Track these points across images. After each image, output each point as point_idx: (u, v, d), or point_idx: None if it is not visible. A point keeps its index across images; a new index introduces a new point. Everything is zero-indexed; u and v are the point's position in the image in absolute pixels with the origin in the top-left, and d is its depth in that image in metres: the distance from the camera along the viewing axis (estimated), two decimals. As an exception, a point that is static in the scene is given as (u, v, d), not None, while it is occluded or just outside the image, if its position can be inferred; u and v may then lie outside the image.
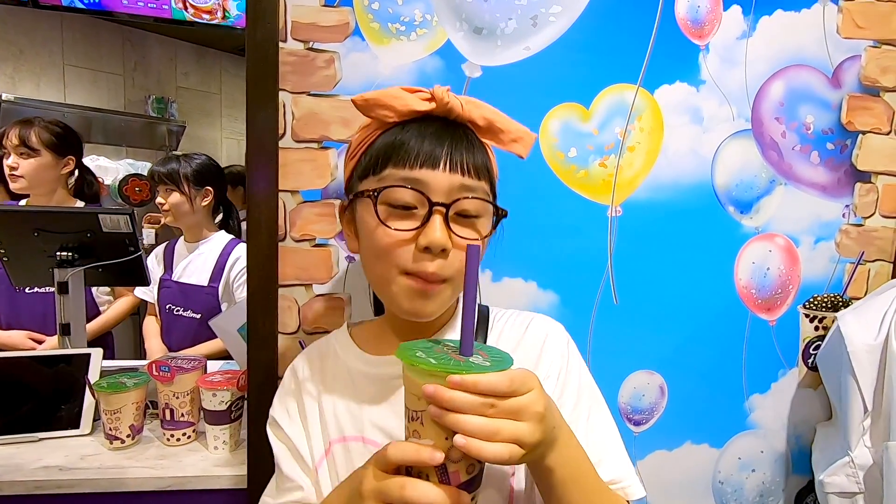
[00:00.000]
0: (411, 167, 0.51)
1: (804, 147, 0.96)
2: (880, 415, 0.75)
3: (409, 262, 0.52)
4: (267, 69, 0.81)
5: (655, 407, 0.97)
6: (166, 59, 3.54)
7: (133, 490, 0.86)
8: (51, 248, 1.17)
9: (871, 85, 0.96)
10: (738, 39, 0.91)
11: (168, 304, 1.54)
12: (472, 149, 0.54)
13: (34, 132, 1.48)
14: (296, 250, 0.85)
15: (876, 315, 0.80)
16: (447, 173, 0.51)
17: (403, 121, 0.54)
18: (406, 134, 0.53)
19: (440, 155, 0.51)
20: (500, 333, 0.62)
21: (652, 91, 0.90)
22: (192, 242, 1.57)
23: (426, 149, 0.51)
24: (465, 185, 0.52)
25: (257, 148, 0.83)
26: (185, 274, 1.54)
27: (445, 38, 0.84)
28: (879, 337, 0.77)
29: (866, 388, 0.78)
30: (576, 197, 0.90)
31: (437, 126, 0.53)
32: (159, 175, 1.50)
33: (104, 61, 3.26)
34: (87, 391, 1.01)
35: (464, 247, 0.50)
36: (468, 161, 0.52)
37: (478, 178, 0.53)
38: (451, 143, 0.52)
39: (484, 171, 0.55)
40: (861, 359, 0.79)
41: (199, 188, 1.51)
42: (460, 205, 0.52)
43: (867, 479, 0.81)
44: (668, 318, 0.95)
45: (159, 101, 3.41)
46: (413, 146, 0.52)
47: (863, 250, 0.99)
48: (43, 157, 1.50)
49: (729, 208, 0.95)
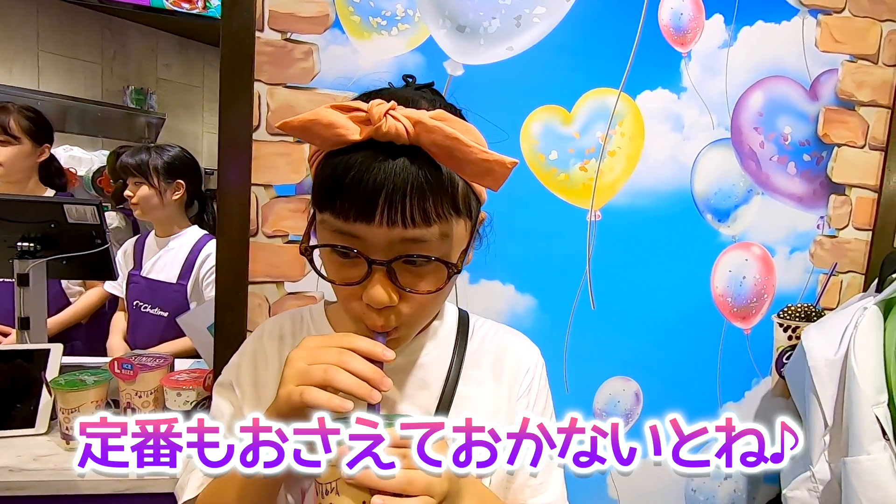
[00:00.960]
0: (346, 219, 0.43)
1: (781, 158, 0.97)
2: (840, 430, 0.75)
3: (358, 314, 0.48)
4: (242, 59, 0.79)
5: (630, 413, 0.96)
6: (147, 49, 3.46)
7: (88, 493, 0.82)
8: (12, 238, 1.12)
9: (847, 99, 0.97)
10: (719, 48, 0.92)
11: (136, 300, 1.49)
12: (422, 188, 0.43)
13: (13, 119, 1.44)
14: (267, 246, 0.83)
15: (837, 330, 0.80)
16: (384, 228, 0.43)
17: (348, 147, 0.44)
18: (343, 169, 0.43)
19: (376, 204, 0.42)
20: (479, 344, 0.61)
21: (634, 96, 0.90)
22: (162, 237, 1.52)
23: (362, 196, 0.42)
24: (407, 238, 0.44)
25: (230, 139, 0.80)
26: (154, 270, 1.49)
27: (427, 34, 0.83)
28: (839, 352, 0.77)
29: (826, 403, 0.78)
30: (556, 200, 0.89)
31: (385, 161, 0.42)
32: (128, 167, 1.44)
33: (81, 49, 3.17)
34: (45, 389, 0.96)
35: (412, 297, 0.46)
36: (413, 208, 0.43)
37: (428, 225, 0.44)
38: (392, 186, 0.42)
39: (446, 208, 0.45)
40: (821, 374, 0.79)
41: (169, 181, 1.47)
42: (402, 262, 0.45)
43: (826, 494, 0.81)
44: (644, 324, 0.95)
45: (138, 92, 3.33)
46: (348, 193, 0.42)
47: (836, 262, 1.00)
48: (23, 145, 1.46)
49: (707, 216, 0.95)
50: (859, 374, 0.71)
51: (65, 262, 1.17)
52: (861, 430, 0.70)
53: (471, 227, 0.51)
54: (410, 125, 0.42)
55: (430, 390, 0.56)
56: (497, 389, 0.59)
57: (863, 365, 0.72)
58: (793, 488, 0.84)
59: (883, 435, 0.69)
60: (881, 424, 0.69)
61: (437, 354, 0.58)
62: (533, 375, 0.61)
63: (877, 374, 0.71)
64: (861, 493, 0.69)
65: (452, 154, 0.43)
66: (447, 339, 0.59)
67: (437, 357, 0.58)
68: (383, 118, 0.41)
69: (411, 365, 0.57)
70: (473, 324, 0.62)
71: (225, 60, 0.79)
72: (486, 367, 0.59)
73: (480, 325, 0.63)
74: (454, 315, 0.62)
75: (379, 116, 0.41)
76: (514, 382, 0.60)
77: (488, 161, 0.43)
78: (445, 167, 0.44)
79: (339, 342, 0.44)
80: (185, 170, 1.50)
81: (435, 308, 0.53)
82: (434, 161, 0.44)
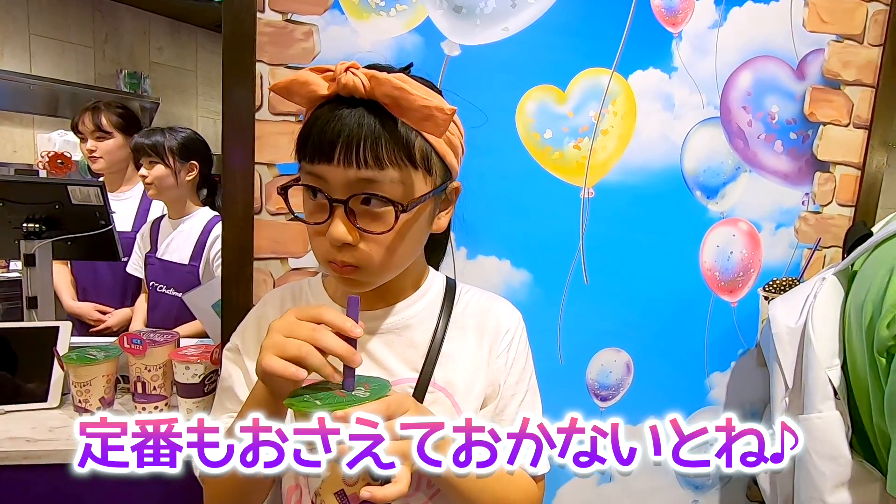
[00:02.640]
0: (311, 161, 0.51)
1: (769, 136, 1.00)
2: (798, 393, 0.80)
3: (325, 253, 0.54)
4: (244, 40, 0.80)
5: (622, 383, 1.01)
6: (139, 32, 3.42)
7: (103, 461, 0.86)
8: (17, 219, 1.14)
9: (832, 78, 1.00)
10: (709, 28, 0.94)
11: (152, 281, 1.53)
12: (377, 135, 0.49)
13: (104, 116, 1.60)
14: (271, 224, 0.85)
15: (799, 300, 0.84)
16: (341, 167, 0.49)
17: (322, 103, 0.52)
18: (315, 122, 0.51)
19: (336, 147, 0.49)
20: (464, 307, 0.66)
21: (626, 76, 0.92)
22: (175, 219, 1.54)
23: (323, 141, 0.49)
24: (363, 178, 0.50)
25: (233, 120, 0.82)
26: (168, 251, 1.52)
27: (425, 15, 0.85)
28: (800, 321, 0.81)
29: (787, 368, 0.83)
30: (550, 178, 0.92)
31: (345, 110, 0.49)
32: (143, 146, 1.46)
33: (73, 32, 3.13)
34: (56, 363, 0.99)
35: (371, 237, 0.52)
36: (366, 151, 0.49)
37: (380, 168, 0.49)
38: (349, 131, 0.48)
39: (399, 155, 0.50)
40: (783, 340, 0.83)
41: (183, 162, 1.49)
42: (358, 200, 0.51)
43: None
44: (635, 298, 0.98)
45: (132, 76, 3.30)
46: (314, 138, 0.50)
47: (820, 237, 1.04)
48: (116, 139, 1.63)
49: (696, 193, 0.98)
50: (815, 340, 0.75)
51: (69, 243, 1.19)
52: (814, 390, 0.74)
53: (432, 184, 0.55)
54: (366, 80, 0.49)
55: (418, 349, 0.61)
56: (479, 348, 0.63)
57: (819, 331, 0.76)
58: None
59: (834, 395, 0.73)
60: (833, 385, 0.73)
61: (424, 316, 0.63)
62: (513, 336, 0.66)
63: (832, 340, 0.75)
64: (811, 447, 0.73)
65: (399, 102, 0.49)
66: (435, 303, 0.64)
67: (425, 319, 0.63)
68: (343, 73, 0.49)
69: (401, 326, 0.62)
70: (460, 290, 0.68)
71: (227, 41, 0.80)
72: (470, 328, 0.64)
73: (466, 292, 0.68)
74: (442, 282, 0.67)
75: (340, 72, 0.49)
76: (494, 342, 0.64)
77: (429, 107, 0.49)
78: (400, 120, 0.51)
79: (315, 315, 0.48)
80: (198, 151, 1.53)
81: (399, 256, 0.56)
82: (390, 114, 0.50)
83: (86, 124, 1.60)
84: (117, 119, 1.62)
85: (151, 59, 3.49)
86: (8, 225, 1.14)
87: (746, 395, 1.05)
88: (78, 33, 3.16)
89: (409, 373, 0.60)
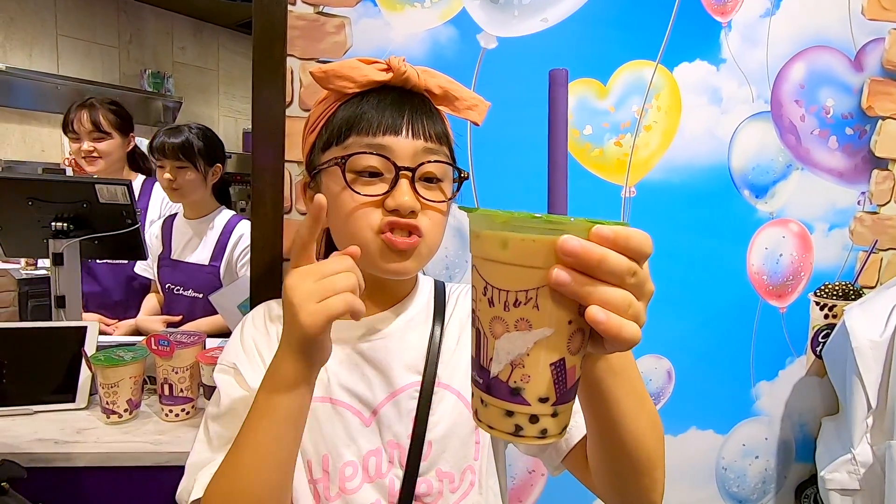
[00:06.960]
0: (374, 134, 0.53)
1: (823, 131, 0.94)
2: (884, 412, 0.74)
3: (378, 226, 0.53)
4: (274, 34, 0.78)
5: (662, 391, 0.96)
6: (163, 32, 3.46)
7: (129, 465, 0.84)
8: (45, 218, 1.13)
9: (893, 69, 0.94)
10: (760, 17, 0.89)
11: (168, 283, 1.50)
12: (431, 116, 0.55)
13: (101, 115, 1.53)
14: (301, 223, 0.83)
15: (883, 310, 0.78)
16: (410, 139, 0.53)
17: (361, 92, 0.55)
18: (366, 104, 0.54)
19: (402, 122, 0.53)
20: (455, 304, 0.65)
21: (671, 69, 0.88)
22: (192, 219, 1.52)
23: (388, 116, 0.53)
24: (428, 149, 0.54)
25: (263, 117, 0.79)
26: (185, 252, 1.50)
27: (461, 6, 0.81)
28: (885, 333, 0.76)
29: (870, 385, 0.77)
30: (590, 176, 0.88)
31: (395, 95, 0.55)
32: (173, 148, 1.40)
33: (98, 32, 3.18)
34: (84, 364, 0.98)
35: (429, 210, 0.54)
36: (429, 127, 0.54)
37: (439, 143, 0.55)
38: (411, 110, 0.54)
39: (443, 137, 0.56)
40: (866, 355, 0.78)
41: (210, 165, 1.47)
42: (425, 168, 0.54)
43: (868, 477, 0.80)
44: (678, 302, 0.93)
45: (155, 76, 3.34)
46: (375, 115, 0.53)
47: (876, 239, 0.97)
48: (114, 138, 1.57)
49: (744, 192, 0.93)
50: None
51: (97, 242, 1.18)
52: None
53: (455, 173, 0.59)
54: (420, 71, 0.56)
55: (418, 351, 0.60)
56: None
57: None
58: (831, 470, 0.84)
59: None
60: None
61: (420, 319, 0.62)
62: None
63: None
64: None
65: (448, 93, 0.57)
66: (428, 304, 0.64)
67: (421, 321, 0.62)
68: (401, 64, 0.54)
69: (399, 329, 0.61)
70: (449, 289, 0.67)
71: (257, 35, 0.78)
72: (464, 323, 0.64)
73: (454, 289, 0.68)
74: (430, 284, 0.67)
75: (399, 63, 0.54)
76: None
77: (473, 97, 0.58)
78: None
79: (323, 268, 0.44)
80: (221, 152, 1.51)
81: (440, 238, 0.58)
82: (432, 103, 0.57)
83: (83, 124, 1.51)
84: (115, 118, 1.55)
85: (174, 59, 3.53)
86: (36, 224, 1.14)
87: (795, 407, 1.00)
88: (103, 34, 3.21)
89: (413, 376, 0.59)
